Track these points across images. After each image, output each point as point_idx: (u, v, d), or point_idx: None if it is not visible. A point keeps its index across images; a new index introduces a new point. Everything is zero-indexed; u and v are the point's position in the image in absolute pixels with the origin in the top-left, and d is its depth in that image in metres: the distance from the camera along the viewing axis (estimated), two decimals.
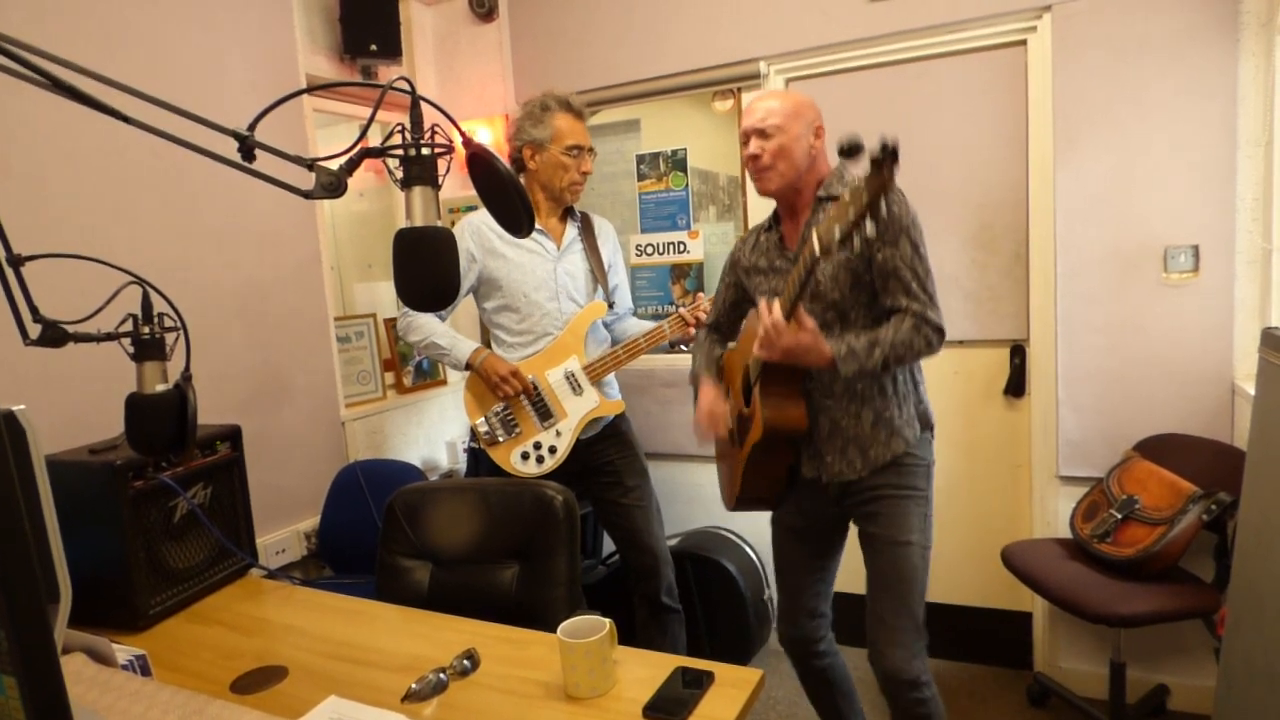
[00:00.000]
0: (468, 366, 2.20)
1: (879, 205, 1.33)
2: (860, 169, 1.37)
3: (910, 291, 1.59)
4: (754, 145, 1.69)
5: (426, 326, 2.21)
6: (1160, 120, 2.17)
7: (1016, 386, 2.51)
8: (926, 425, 1.74)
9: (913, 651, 1.65)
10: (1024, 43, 2.36)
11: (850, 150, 1.39)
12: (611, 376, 2.31)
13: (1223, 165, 2.13)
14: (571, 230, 2.31)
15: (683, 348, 2.57)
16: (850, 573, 1.91)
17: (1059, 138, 2.29)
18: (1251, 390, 1.79)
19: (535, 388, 2.21)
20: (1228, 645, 1.69)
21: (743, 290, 1.90)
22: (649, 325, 2.29)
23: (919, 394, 1.74)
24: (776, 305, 1.56)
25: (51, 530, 0.91)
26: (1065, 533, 2.35)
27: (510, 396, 2.18)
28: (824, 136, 1.72)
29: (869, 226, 1.34)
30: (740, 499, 1.86)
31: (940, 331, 1.60)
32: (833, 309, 1.67)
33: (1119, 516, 2.11)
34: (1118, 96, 2.21)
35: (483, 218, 2.24)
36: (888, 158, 1.29)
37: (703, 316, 2.18)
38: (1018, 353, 2.50)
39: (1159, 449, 2.22)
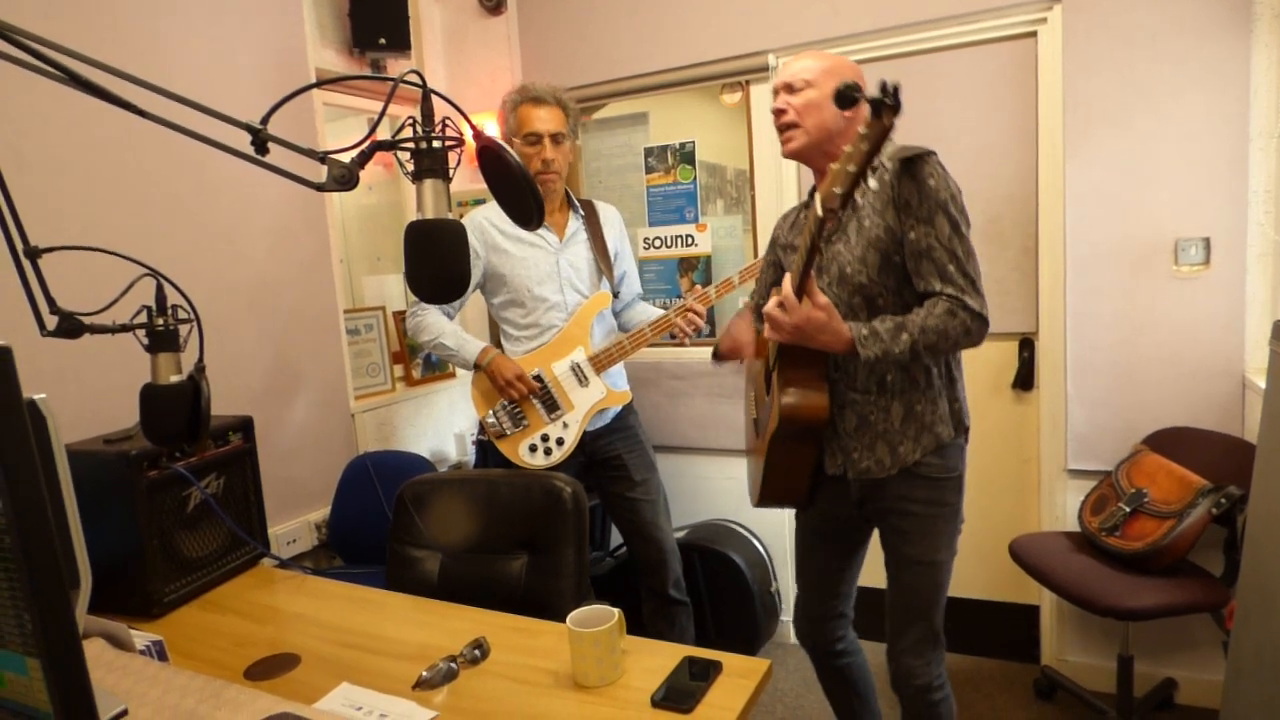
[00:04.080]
0: (476, 367, 2.21)
1: (877, 156, 1.22)
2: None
3: (945, 275, 1.45)
4: (780, 100, 1.58)
5: (435, 327, 2.22)
6: (1172, 112, 2.16)
7: (1025, 380, 2.50)
8: (961, 427, 1.60)
9: (928, 659, 1.63)
10: (1034, 34, 2.34)
11: (845, 97, 1.23)
12: (620, 368, 2.31)
13: (1234, 157, 2.12)
14: (575, 222, 2.31)
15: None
16: (872, 566, 1.86)
17: (1069, 130, 2.28)
18: (1262, 384, 1.78)
19: (541, 381, 2.22)
20: (1236, 639, 1.69)
21: (783, 270, 1.77)
22: (656, 313, 2.29)
23: (955, 391, 1.61)
24: (787, 280, 1.44)
25: (72, 516, 0.93)
26: (1073, 526, 2.35)
27: (517, 400, 2.20)
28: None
29: (870, 180, 1.21)
30: (764, 494, 1.75)
31: (981, 319, 1.45)
32: (859, 294, 1.54)
33: (1127, 510, 2.11)
34: (1129, 88, 2.19)
35: (485, 214, 2.25)
36: (887, 102, 1.15)
37: (700, 309, 2.19)
38: (1026, 346, 2.49)
39: (1168, 442, 2.21)
